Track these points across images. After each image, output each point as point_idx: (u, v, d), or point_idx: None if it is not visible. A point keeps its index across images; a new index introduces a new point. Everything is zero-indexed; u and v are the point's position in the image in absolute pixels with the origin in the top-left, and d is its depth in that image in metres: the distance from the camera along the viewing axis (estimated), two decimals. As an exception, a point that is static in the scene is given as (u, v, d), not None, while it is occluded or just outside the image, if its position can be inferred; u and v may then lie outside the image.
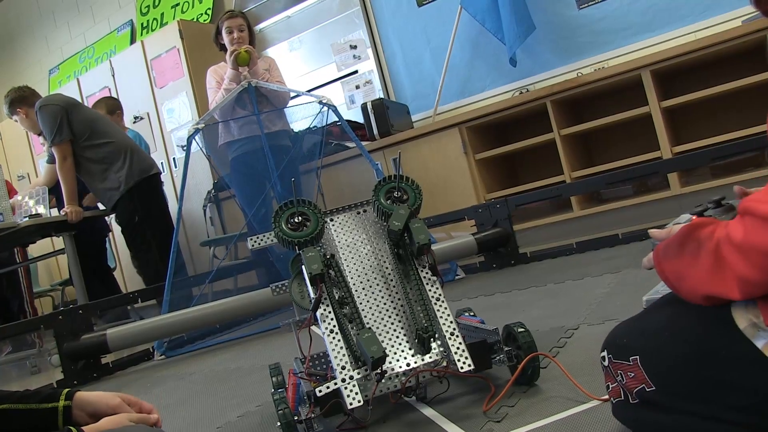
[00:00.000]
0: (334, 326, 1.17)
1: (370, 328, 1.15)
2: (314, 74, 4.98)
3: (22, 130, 5.87)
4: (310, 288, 1.22)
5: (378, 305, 1.25)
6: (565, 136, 3.53)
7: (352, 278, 1.28)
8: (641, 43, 3.71)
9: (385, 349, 1.13)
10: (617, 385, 0.82)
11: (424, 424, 1.18)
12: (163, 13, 5.74)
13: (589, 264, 2.54)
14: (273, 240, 1.33)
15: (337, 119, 3.32)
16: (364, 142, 3.79)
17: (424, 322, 1.20)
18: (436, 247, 2.89)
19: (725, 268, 0.65)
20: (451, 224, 3.34)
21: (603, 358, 0.84)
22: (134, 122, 5.14)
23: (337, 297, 1.22)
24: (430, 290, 1.24)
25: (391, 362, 1.17)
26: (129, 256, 4.06)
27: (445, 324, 1.20)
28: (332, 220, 1.37)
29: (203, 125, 3.18)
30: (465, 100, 4.26)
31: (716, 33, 3.13)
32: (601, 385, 0.90)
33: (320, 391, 1.12)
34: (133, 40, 5.89)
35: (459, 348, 1.15)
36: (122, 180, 3.56)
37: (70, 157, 3.55)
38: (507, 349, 1.23)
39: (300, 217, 1.28)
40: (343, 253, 1.32)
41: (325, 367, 1.38)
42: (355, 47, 4.76)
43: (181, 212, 3.23)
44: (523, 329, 1.21)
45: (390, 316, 1.24)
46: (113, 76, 5.33)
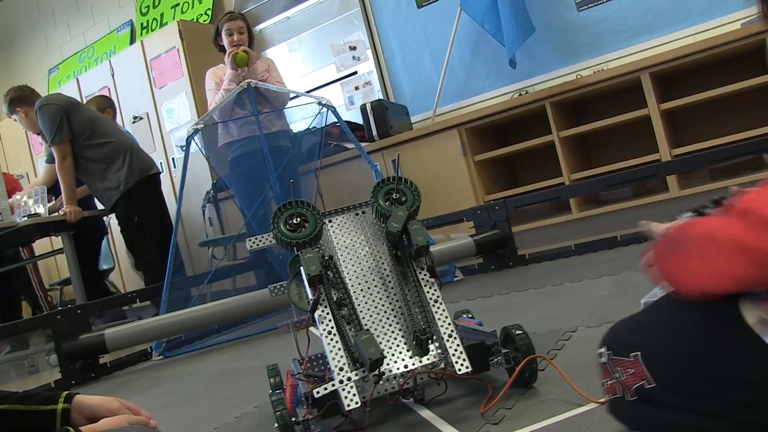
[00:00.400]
0: (332, 327, 1.17)
1: (368, 330, 1.15)
2: (314, 75, 4.98)
3: (21, 129, 5.87)
4: (309, 289, 1.21)
5: (376, 307, 1.25)
6: (564, 138, 3.53)
7: (351, 280, 1.28)
8: (640, 46, 3.71)
9: (383, 350, 1.13)
10: (614, 382, 0.81)
11: (421, 425, 1.18)
12: (162, 14, 5.74)
13: (588, 266, 2.54)
14: (272, 241, 1.33)
15: (336, 120, 3.33)
16: (363, 143, 3.79)
17: (422, 323, 1.19)
18: (435, 248, 2.89)
19: (721, 263, 0.67)
20: (450, 226, 3.34)
21: (601, 355, 0.84)
22: (134, 122, 5.14)
23: (336, 298, 1.22)
24: (428, 292, 1.25)
25: (389, 364, 1.17)
26: (127, 255, 4.07)
27: (443, 326, 1.21)
28: (331, 221, 1.37)
29: (202, 125, 3.18)
30: (464, 101, 4.26)
31: (715, 36, 3.13)
32: (599, 387, 0.90)
33: (318, 393, 1.12)
34: (132, 40, 5.88)
35: (457, 350, 1.15)
36: (122, 180, 3.56)
37: (69, 157, 3.55)
38: (505, 351, 1.23)
39: (298, 218, 1.28)
40: (342, 255, 1.31)
41: (323, 368, 1.38)
42: (355, 48, 4.76)
43: (180, 212, 3.23)
44: (521, 331, 1.22)
45: (388, 318, 1.24)
46: (113, 76, 5.33)
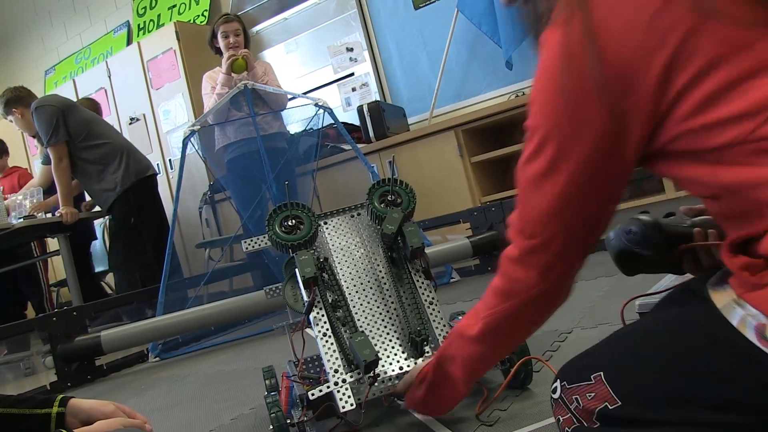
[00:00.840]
0: (327, 329, 1.17)
1: (362, 332, 1.15)
2: (310, 76, 4.98)
3: (17, 130, 5.86)
4: (304, 291, 1.21)
5: (371, 309, 1.25)
6: (561, 139, 3.52)
7: (346, 281, 1.28)
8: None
9: (378, 352, 1.13)
10: (570, 416, 0.76)
11: (416, 427, 1.18)
12: (159, 15, 5.74)
13: (584, 267, 2.54)
14: (268, 243, 1.33)
15: (333, 122, 3.33)
16: (360, 145, 3.80)
17: (418, 325, 1.20)
18: (431, 249, 2.89)
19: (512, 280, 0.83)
20: (447, 227, 3.34)
21: (554, 390, 0.79)
22: (130, 123, 5.13)
23: (331, 300, 1.22)
24: (423, 294, 1.25)
25: (384, 366, 1.18)
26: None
27: (438, 327, 1.22)
28: (326, 223, 1.37)
29: (199, 127, 3.18)
30: (461, 102, 4.26)
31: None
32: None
33: (313, 395, 1.12)
34: (129, 42, 5.88)
35: (452, 351, 1.16)
36: (118, 181, 3.56)
37: (65, 159, 3.54)
38: (500, 352, 1.23)
39: (293, 220, 1.27)
40: (337, 257, 1.32)
41: (318, 370, 1.38)
42: (352, 50, 4.76)
43: (177, 214, 3.22)
44: None
45: (383, 320, 1.24)
46: (109, 77, 5.33)
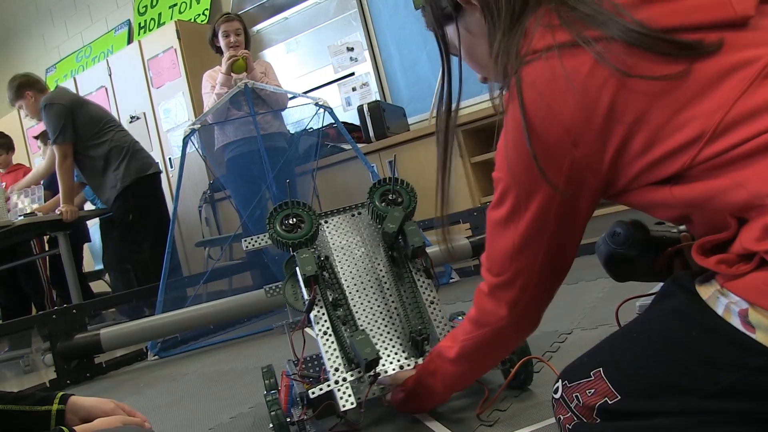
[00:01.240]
0: (328, 328, 1.17)
1: (363, 330, 1.15)
2: (311, 76, 4.97)
3: (17, 128, 5.87)
4: (304, 290, 1.21)
5: (372, 308, 1.26)
6: (561, 140, 3.53)
7: (346, 280, 1.28)
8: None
9: (379, 351, 1.13)
10: (570, 415, 0.79)
11: (416, 427, 1.18)
12: (160, 14, 5.74)
13: (584, 268, 2.53)
14: (267, 241, 1.33)
15: (333, 121, 3.33)
16: (360, 145, 3.80)
17: (418, 324, 1.20)
18: (431, 250, 2.89)
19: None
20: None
21: (556, 390, 0.82)
22: (131, 122, 5.13)
23: (331, 299, 1.22)
24: (424, 293, 1.25)
25: (385, 365, 1.18)
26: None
27: (439, 327, 1.22)
28: (327, 222, 1.37)
29: (199, 126, 3.18)
30: (461, 103, 4.25)
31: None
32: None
33: (313, 393, 1.12)
34: (130, 40, 5.88)
35: (453, 351, 1.16)
36: (119, 178, 3.57)
37: (70, 158, 3.57)
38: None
39: (294, 219, 1.27)
40: (338, 256, 1.32)
41: (317, 369, 1.38)
42: (352, 49, 4.76)
43: (177, 212, 3.22)
44: None
45: (384, 319, 1.25)
46: (110, 75, 5.33)
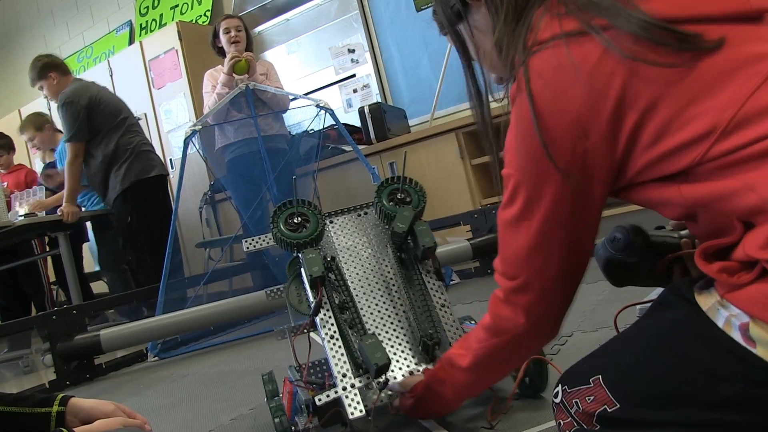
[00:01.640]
0: (335, 332, 1.12)
1: (373, 334, 1.11)
2: (312, 77, 4.98)
3: (16, 128, 5.86)
4: (309, 292, 1.17)
5: (379, 310, 1.21)
6: (562, 142, 3.53)
7: (353, 282, 1.24)
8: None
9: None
10: (570, 420, 0.79)
11: (424, 435, 1.15)
12: (162, 14, 5.74)
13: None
14: (268, 242, 1.28)
15: (334, 123, 3.33)
16: (361, 146, 3.80)
17: (429, 328, 1.15)
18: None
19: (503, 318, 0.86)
20: (447, 229, 3.34)
21: (556, 394, 0.82)
22: (131, 122, 5.14)
23: (337, 302, 1.17)
24: (435, 296, 1.21)
25: (393, 370, 1.13)
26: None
27: (450, 331, 1.17)
28: (332, 222, 1.33)
29: (200, 127, 3.18)
30: (462, 105, 4.25)
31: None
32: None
33: (320, 400, 1.07)
34: (131, 41, 5.88)
35: (466, 356, 1.11)
36: (119, 180, 3.57)
37: (80, 158, 3.59)
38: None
39: (299, 218, 1.22)
40: (343, 257, 1.27)
41: (320, 375, 1.34)
42: (353, 51, 4.76)
43: (177, 213, 3.22)
44: None
45: (392, 323, 1.20)
46: (111, 76, 5.33)
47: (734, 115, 0.64)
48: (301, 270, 1.19)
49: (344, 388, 1.07)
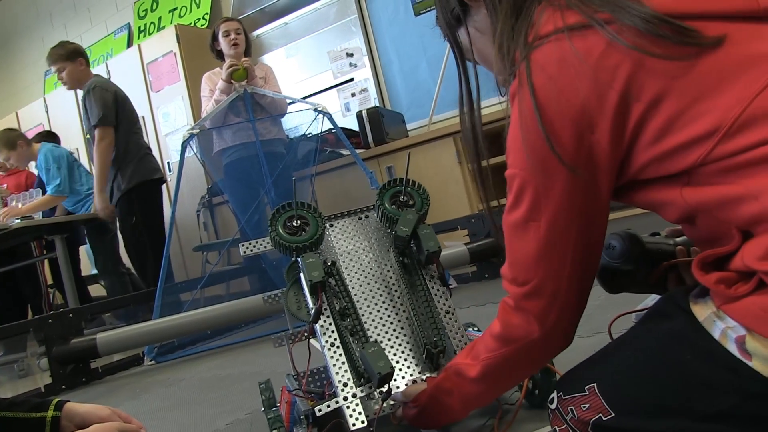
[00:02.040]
0: (335, 339, 1.08)
1: (376, 341, 1.06)
2: (310, 81, 4.98)
3: (15, 127, 5.86)
4: (309, 297, 1.12)
5: (381, 317, 1.17)
6: (560, 147, 3.53)
7: (354, 288, 1.19)
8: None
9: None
10: (566, 427, 0.78)
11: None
12: (160, 17, 5.74)
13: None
14: (266, 246, 1.24)
15: (332, 127, 3.33)
16: (359, 150, 3.80)
17: (434, 336, 1.11)
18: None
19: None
20: (445, 234, 3.34)
21: (551, 401, 0.81)
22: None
23: (338, 308, 1.13)
24: (439, 302, 1.17)
25: (396, 379, 1.09)
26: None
27: (455, 338, 1.14)
28: (332, 225, 1.28)
29: (198, 130, 3.18)
30: (457, 109, 4.25)
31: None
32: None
33: (320, 411, 1.02)
34: (130, 44, 5.88)
35: (472, 365, 1.07)
36: (126, 179, 3.61)
37: (109, 140, 3.59)
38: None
39: (299, 221, 1.17)
40: (344, 261, 1.23)
41: (319, 384, 1.31)
42: (352, 55, 4.77)
43: (175, 217, 3.22)
44: None
45: (395, 330, 1.16)
46: (109, 79, 5.31)
47: (739, 115, 0.63)
48: (300, 275, 1.15)
49: (345, 398, 1.02)
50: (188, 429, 1.60)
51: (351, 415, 1.00)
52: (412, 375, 1.10)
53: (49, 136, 4.56)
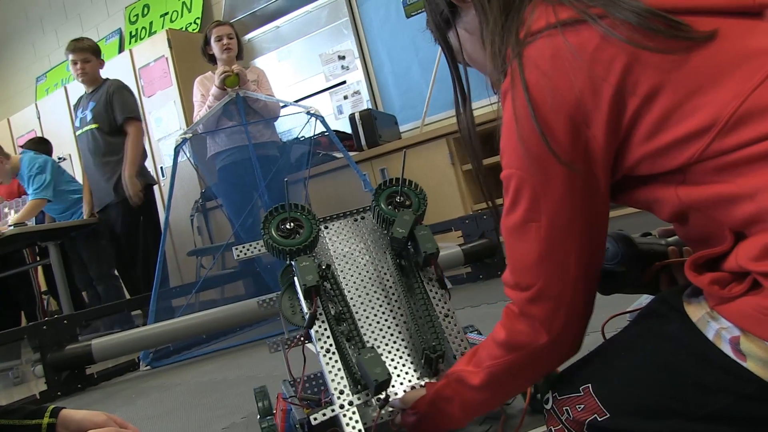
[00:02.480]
0: (331, 345, 1.04)
1: (372, 347, 1.03)
2: (302, 84, 4.98)
3: (6, 136, 5.85)
4: (304, 302, 1.08)
5: (378, 321, 1.13)
6: (552, 147, 3.54)
7: (350, 291, 1.16)
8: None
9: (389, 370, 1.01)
10: (561, 427, 0.78)
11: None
12: (151, 22, 5.73)
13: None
14: (259, 250, 1.20)
15: (325, 130, 3.33)
16: (352, 153, 3.80)
17: (432, 340, 1.08)
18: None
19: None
20: (439, 235, 3.34)
21: (546, 401, 0.81)
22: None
23: (333, 312, 1.09)
24: (437, 305, 1.14)
25: (394, 385, 1.06)
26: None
27: (455, 343, 1.10)
28: (327, 227, 1.24)
29: (191, 135, 3.18)
30: (453, 111, 4.24)
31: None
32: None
33: (315, 419, 0.99)
34: (121, 49, 5.87)
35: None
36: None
37: (142, 132, 3.82)
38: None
39: (292, 223, 1.13)
40: (339, 264, 1.20)
41: (315, 390, 1.27)
42: (344, 58, 4.77)
43: (169, 221, 3.22)
44: None
45: (392, 334, 1.12)
46: (101, 84, 5.31)
47: (735, 110, 0.62)
48: (295, 279, 1.11)
49: (342, 406, 0.99)
50: (185, 434, 1.60)
51: (348, 424, 0.97)
52: (410, 381, 1.07)
53: (41, 143, 4.54)
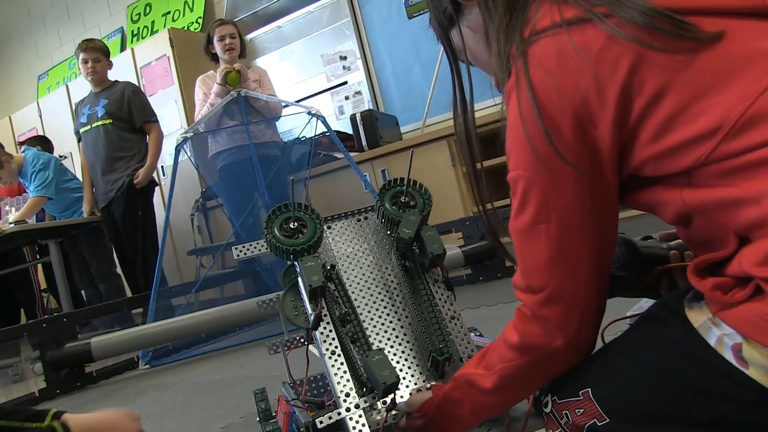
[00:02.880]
0: (336, 347, 1.02)
1: (380, 350, 1.01)
2: (304, 84, 4.98)
3: (8, 135, 5.85)
4: (308, 303, 1.06)
5: (383, 323, 1.11)
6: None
7: (354, 292, 1.13)
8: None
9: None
10: (561, 431, 0.78)
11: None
12: (153, 21, 5.74)
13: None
14: (260, 249, 1.18)
15: (326, 130, 3.33)
16: (353, 153, 3.80)
17: (439, 342, 1.05)
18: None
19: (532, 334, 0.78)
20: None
21: (545, 404, 0.80)
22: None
23: (338, 314, 1.07)
24: (444, 307, 1.12)
25: (400, 388, 1.03)
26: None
27: (462, 345, 1.08)
28: (330, 227, 1.22)
29: (192, 134, 3.18)
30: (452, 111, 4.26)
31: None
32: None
33: (321, 422, 0.96)
34: (123, 48, 5.87)
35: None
36: (126, 179, 3.69)
37: (161, 132, 3.92)
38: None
39: (296, 223, 1.10)
40: (343, 265, 1.17)
41: (316, 392, 1.26)
42: (345, 58, 4.77)
43: (169, 220, 3.22)
44: None
45: (397, 336, 1.10)
46: (102, 82, 5.31)
47: (743, 113, 0.61)
48: (298, 279, 1.09)
49: (348, 409, 0.97)
50: (183, 433, 1.60)
51: (354, 427, 0.96)
52: (416, 384, 1.05)
53: (42, 141, 4.54)
